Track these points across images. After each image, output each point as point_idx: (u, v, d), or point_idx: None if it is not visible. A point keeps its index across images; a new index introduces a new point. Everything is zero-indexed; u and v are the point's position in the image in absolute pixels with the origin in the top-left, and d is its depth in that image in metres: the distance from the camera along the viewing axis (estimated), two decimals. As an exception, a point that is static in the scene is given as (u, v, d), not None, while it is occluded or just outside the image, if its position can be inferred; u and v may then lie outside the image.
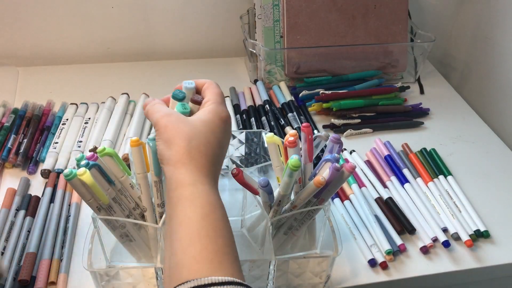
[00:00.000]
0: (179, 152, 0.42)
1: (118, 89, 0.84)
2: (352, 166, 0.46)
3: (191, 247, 0.37)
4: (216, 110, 0.45)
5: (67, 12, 0.87)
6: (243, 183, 0.48)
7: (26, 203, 0.62)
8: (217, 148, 0.44)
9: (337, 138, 0.49)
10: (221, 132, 0.45)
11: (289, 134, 0.48)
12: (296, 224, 0.52)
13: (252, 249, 0.58)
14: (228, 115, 0.46)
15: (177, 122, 0.43)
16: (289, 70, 0.87)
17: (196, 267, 0.36)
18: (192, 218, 0.39)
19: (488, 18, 0.91)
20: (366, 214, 0.62)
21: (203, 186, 0.41)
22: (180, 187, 0.41)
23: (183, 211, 0.40)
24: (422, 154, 0.74)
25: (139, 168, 0.47)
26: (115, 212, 0.48)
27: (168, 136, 0.42)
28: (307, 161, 0.49)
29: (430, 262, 0.59)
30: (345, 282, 0.56)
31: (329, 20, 0.85)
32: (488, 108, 0.91)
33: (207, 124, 0.44)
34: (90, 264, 0.47)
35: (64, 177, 0.44)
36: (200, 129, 0.43)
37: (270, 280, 0.52)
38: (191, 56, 0.97)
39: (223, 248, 0.38)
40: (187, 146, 0.42)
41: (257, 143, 0.65)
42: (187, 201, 0.40)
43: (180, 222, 0.39)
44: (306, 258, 0.51)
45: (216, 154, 0.43)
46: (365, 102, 0.82)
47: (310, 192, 0.48)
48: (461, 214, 0.64)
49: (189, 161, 0.41)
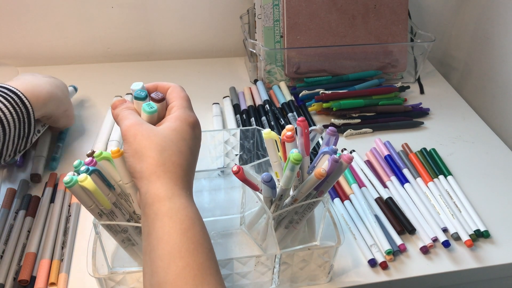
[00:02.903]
0: (152, 165, 0.40)
1: (118, 89, 0.84)
2: (349, 157, 0.48)
3: (173, 265, 0.37)
4: (184, 116, 0.43)
5: (67, 12, 0.87)
6: (244, 180, 0.48)
7: (26, 203, 0.62)
8: (190, 156, 0.42)
9: (333, 131, 0.50)
10: (192, 139, 0.43)
11: (286, 129, 0.49)
12: (297, 218, 0.53)
13: (253, 245, 0.59)
14: (196, 120, 0.45)
15: (147, 132, 0.41)
16: (289, 70, 0.87)
17: (180, 284, 0.36)
18: (172, 235, 0.38)
19: (488, 18, 0.91)
20: (366, 214, 0.62)
21: (180, 200, 0.40)
22: (157, 202, 0.39)
23: (162, 227, 0.38)
24: (422, 154, 0.74)
25: (125, 178, 0.46)
26: (117, 217, 0.47)
27: (138, 147, 0.41)
28: (304, 154, 0.50)
29: (430, 262, 0.59)
30: (345, 282, 0.56)
31: (329, 20, 0.85)
32: (488, 108, 0.91)
33: (177, 132, 0.42)
34: (96, 270, 0.47)
35: (64, 185, 0.43)
36: (171, 138, 0.42)
37: (275, 274, 0.52)
38: (191, 56, 0.97)
39: (205, 262, 0.38)
40: (160, 157, 0.40)
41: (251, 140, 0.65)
42: (165, 217, 0.39)
43: (159, 238, 0.38)
44: (311, 249, 0.52)
45: (189, 163, 0.42)
46: (365, 102, 0.82)
47: (311, 184, 0.49)
48: (461, 214, 0.64)
49: (163, 173, 0.40)
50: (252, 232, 0.59)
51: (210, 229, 0.59)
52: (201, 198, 0.62)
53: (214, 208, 0.62)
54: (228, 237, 0.60)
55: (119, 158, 0.45)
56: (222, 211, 0.61)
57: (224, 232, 0.60)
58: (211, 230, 0.60)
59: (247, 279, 0.52)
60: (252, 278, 0.53)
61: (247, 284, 0.53)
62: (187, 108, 0.45)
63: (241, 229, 0.61)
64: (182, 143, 0.42)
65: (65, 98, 0.69)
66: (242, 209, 0.60)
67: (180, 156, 0.41)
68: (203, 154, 0.46)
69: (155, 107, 0.45)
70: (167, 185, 0.40)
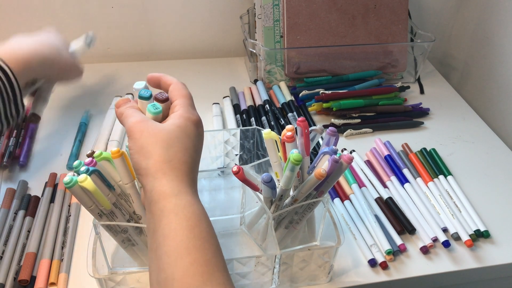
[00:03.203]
0: (158, 161, 0.40)
1: (118, 89, 0.84)
2: (349, 157, 0.48)
3: (180, 261, 0.36)
4: (187, 114, 0.43)
5: (67, 12, 0.87)
6: (244, 180, 0.48)
7: (26, 203, 0.62)
8: (194, 153, 0.42)
9: (333, 131, 0.50)
10: (196, 136, 0.43)
11: (286, 129, 0.49)
12: (297, 218, 0.53)
13: (253, 245, 0.59)
14: (199, 118, 0.44)
15: (153, 129, 0.41)
16: (289, 70, 0.87)
17: (188, 281, 0.36)
18: (179, 231, 0.38)
19: (488, 18, 0.91)
20: (366, 214, 0.62)
21: (186, 197, 0.39)
22: (162, 199, 0.39)
23: (168, 224, 0.38)
24: (422, 154, 0.74)
25: (125, 178, 0.46)
26: (117, 217, 0.47)
27: (143, 144, 0.40)
28: (304, 155, 0.50)
29: (430, 262, 0.59)
30: (345, 282, 0.56)
31: (329, 20, 0.85)
32: (488, 108, 0.91)
33: (182, 129, 0.42)
34: (96, 271, 0.47)
35: (64, 185, 0.43)
36: (176, 134, 0.41)
37: (275, 274, 0.52)
38: (191, 56, 0.97)
39: (213, 259, 0.37)
40: (165, 154, 0.40)
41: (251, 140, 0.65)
42: (171, 214, 0.38)
43: (165, 235, 0.38)
44: (311, 250, 0.52)
45: (194, 160, 0.42)
46: (365, 102, 0.82)
47: (312, 184, 0.49)
48: (461, 214, 0.64)
49: (169, 170, 0.40)
50: (252, 232, 0.59)
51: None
52: (201, 198, 0.61)
53: (214, 208, 0.62)
54: (228, 237, 0.60)
55: (119, 158, 0.45)
56: (222, 211, 0.61)
57: (224, 232, 0.60)
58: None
59: (247, 279, 0.52)
60: (252, 278, 0.53)
61: (247, 284, 0.53)
62: (189, 106, 0.45)
63: (241, 229, 0.61)
64: (187, 140, 0.42)
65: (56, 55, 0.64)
66: (242, 209, 0.60)
67: (185, 153, 0.41)
68: (203, 154, 0.46)
69: (160, 108, 0.44)
70: (173, 182, 0.39)
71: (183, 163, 0.41)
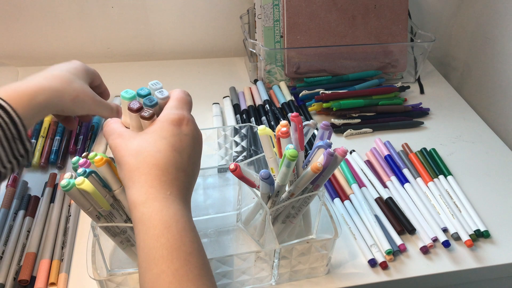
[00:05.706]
0: (128, 171, 0.41)
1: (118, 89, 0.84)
2: (344, 150, 0.48)
3: (148, 272, 0.37)
4: (166, 116, 0.43)
5: (67, 12, 0.87)
6: (241, 177, 0.48)
7: (26, 203, 0.62)
8: (170, 153, 0.41)
9: (326, 125, 0.51)
10: (173, 136, 0.42)
11: (281, 125, 0.49)
12: (293, 212, 0.54)
13: (250, 241, 0.59)
14: (182, 117, 0.44)
15: (125, 141, 0.42)
16: (289, 70, 0.87)
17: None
18: (146, 241, 0.38)
19: (488, 18, 0.91)
20: (366, 214, 0.62)
21: (154, 203, 0.39)
22: (133, 208, 0.40)
23: (138, 234, 0.39)
24: (422, 154, 0.74)
25: (113, 185, 0.46)
26: (116, 218, 0.47)
27: (118, 157, 0.42)
28: (299, 149, 0.50)
29: (430, 262, 0.59)
30: (345, 282, 0.56)
31: (329, 20, 0.85)
32: (488, 108, 0.91)
33: (155, 132, 0.42)
34: (96, 273, 0.47)
35: (62, 189, 0.42)
36: (147, 140, 0.42)
37: (274, 268, 0.53)
38: (191, 56, 0.97)
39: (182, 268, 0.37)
40: (134, 162, 0.41)
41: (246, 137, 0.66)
42: (139, 224, 0.39)
43: (138, 245, 0.39)
44: (309, 243, 0.52)
45: (169, 161, 0.41)
46: (365, 102, 0.82)
47: (308, 178, 0.49)
48: (461, 214, 0.64)
49: (138, 177, 0.40)
50: (249, 228, 0.60)
51: (207, 227, 0.60)
52: (197, 197, 0.62)
53: (210, 206, 0.62)
54: (225, 234, 0.60)
55: (103, 166, 0.45)
56: (218, 209, 0.62)
57: (220, 230, 0.60)
58: (208, 228, 0.60)
59: (247, 274, 0.53)
60: (252, 274, 0.53)
61: (247, 280, 0.53)
62: (173, 108, 0.44)
63: (237, 226, 0.61)
64: (160, 142, 0.42)
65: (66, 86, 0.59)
66: (238, 206, 0.60)
67: (157, 155, 0.41)
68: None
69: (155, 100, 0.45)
70: (142, 189, 0.40)
71: (152, 166, 0.40)
